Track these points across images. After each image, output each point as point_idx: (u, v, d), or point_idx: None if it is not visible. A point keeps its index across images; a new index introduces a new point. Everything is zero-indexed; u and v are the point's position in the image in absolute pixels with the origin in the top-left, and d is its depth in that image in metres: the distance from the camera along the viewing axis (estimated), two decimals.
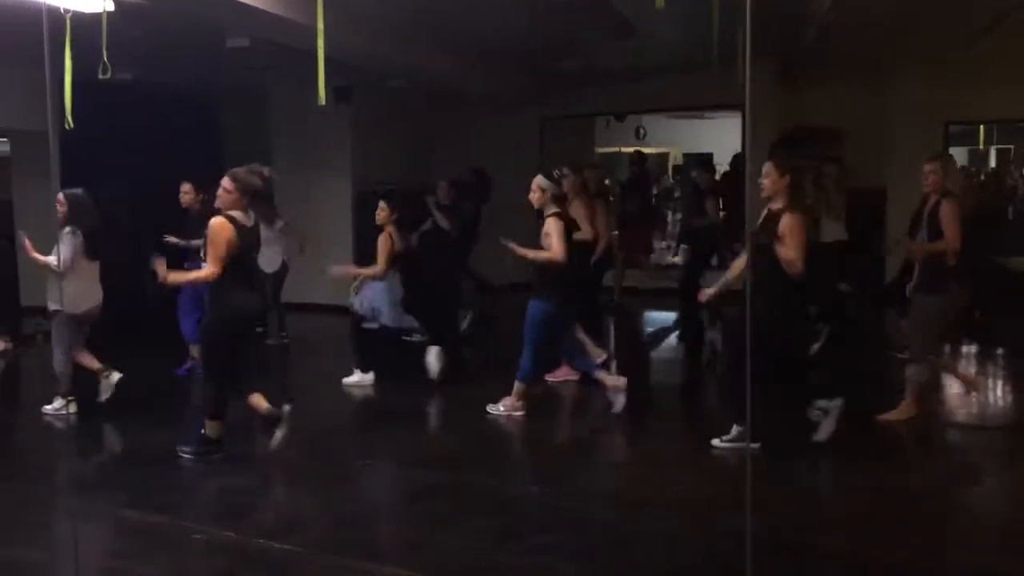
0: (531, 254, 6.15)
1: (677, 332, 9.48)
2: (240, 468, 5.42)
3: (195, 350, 7.34)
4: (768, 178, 5.24)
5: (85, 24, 5.51)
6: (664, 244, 14.84)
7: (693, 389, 7.81)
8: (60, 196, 6.36)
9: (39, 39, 4.22)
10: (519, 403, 6.33)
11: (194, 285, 6.27)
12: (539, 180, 6.24)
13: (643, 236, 11.56)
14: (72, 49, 5.21)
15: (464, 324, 9.65)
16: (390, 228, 7.19)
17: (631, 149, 16.65)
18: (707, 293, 5.80)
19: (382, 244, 7.12)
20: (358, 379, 7.44)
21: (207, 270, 5.24)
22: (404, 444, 6.02)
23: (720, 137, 15.52)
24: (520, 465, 5.54)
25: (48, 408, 6.56)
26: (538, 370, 6.45)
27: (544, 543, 4.26)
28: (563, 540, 4.30)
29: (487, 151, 12.15)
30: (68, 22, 5.25)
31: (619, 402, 6.26)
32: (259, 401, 5.40)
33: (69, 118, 5.27)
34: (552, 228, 6.06)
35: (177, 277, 5.66)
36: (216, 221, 5.24)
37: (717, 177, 10.60)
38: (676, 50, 9.90)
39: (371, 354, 7.39)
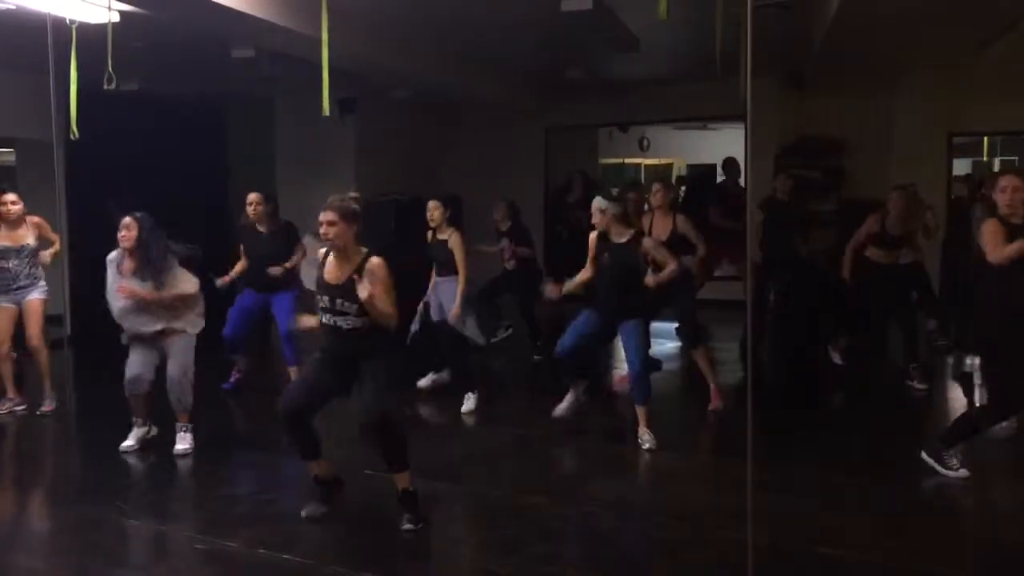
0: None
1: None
2: (245, 476, 5.42)
3: (241, 361, 7.52)
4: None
5: (91, 34, 5.54)
6: None
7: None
8: (128, 220, 5.74)
9: (45, 48, 4.23)
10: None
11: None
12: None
13: None
14: (78, 59, 5.24)
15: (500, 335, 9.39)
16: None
17: (635, 160, 16.71)
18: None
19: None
20: (472, 404, 6.99)
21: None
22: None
23: (724, 148, 15.51)
24: (523, 474, 5.53)
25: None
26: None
27: (547, 552, 4.26)
28: (566, 550, 4.29)
29: (492, 161, 12.18)
30: (74, 32, 5.28)
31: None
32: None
33: (75, 128, 5.29)
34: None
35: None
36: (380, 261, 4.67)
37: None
38: (681, 61, 9.92)
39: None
